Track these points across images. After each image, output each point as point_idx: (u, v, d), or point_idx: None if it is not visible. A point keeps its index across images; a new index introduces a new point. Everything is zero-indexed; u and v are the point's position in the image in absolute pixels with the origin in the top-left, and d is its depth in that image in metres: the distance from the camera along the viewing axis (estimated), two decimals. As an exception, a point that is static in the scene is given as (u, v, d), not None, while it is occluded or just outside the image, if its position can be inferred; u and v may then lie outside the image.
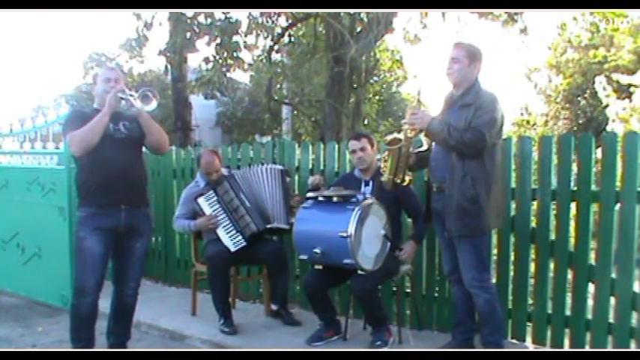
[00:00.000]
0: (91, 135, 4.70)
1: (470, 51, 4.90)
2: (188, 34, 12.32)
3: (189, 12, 11.81)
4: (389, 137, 5.12)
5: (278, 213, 6.25)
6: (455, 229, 4.82)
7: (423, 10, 12.60)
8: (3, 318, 6.86)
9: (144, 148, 5.14)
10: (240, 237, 6.06)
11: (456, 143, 4.68)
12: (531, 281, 5.60)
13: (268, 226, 6.21)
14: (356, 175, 5.87)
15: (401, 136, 5.00)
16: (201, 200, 6.10)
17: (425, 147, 5.26)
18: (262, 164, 6.59)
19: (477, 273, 4.87)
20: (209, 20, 12.04)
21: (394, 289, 6.16)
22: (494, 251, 5.69)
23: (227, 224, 6.08)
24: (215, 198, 6.09)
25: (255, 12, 12.06)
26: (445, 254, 5.25)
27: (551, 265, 5.43)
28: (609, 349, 5.11)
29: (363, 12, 12.08)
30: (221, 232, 6.06)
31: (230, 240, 6.03)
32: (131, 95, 4.79)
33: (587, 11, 13.03)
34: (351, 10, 11.67)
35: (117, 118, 4.87)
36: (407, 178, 5.11)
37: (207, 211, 6.08)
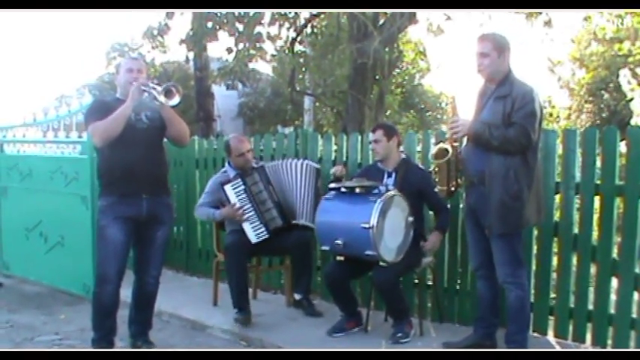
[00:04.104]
0: (113, 127, 4.72)
1: (497, 42, 4.78)
2: (210, 24, 12.33)
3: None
4: (434, 150, 5.07)
5: (306, 210, 6.26)
6: (496, 227, 4.74)
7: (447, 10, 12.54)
8: (26, 306, 6.91)
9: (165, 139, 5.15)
10: (263, 229, 6.07)
11: (500, 143, 4.61)
12: (554, 275, 5.58)
13: (294, 222, 6.23)
14: (379, 167, 5.84)
15: (446, 145, 4.94)
16: (227, 188, 6.09)
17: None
18: (297, 159, 6.63)
19: (511, 269, 4.82)
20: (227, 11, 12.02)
21: (416, 281, 6.15)
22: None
23: (251, 215, 6.07)
24: (242, 187, 6.09)
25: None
26: (473, 249, 5.18)
27: (574, 259, 5.40)
28: (632, 347, 5.08)
29: (386, 11, 12.04)
30: (245, 223, 6.06)
31: (253, 231, 6.04)
32: (154, 88, 4.78)
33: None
34: (373, 10, 11.63)
35: (139, 108, 4.87)
36: (460, 182, 5.07)
37: (233, 199, 6.06)
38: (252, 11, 11.95)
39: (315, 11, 12.79)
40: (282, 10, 12.40)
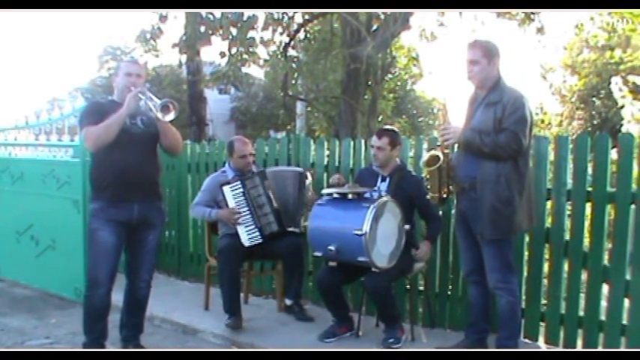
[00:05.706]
0: (107, 133, 4.71)
1: (486, 49, 4.82)
2: (203, 28, 12.31)
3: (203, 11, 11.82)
4: (426, 157, 5.06)
5: (292, 216, 6.26)
6: (488, 232, 4.76)
7: (441, 10, 12.58)
8: (17, 309, 6.89)
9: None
10: (257, 233, 6.05)
11: (491, 150, 4.64)
12: (545, 281, 5.59)
13: (289, 229, 6.22)
14: (374, 170, 5.85)
15: (437, 152, 4.95)
16: (226, 189, 6.08)
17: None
18: (289, 165, 6.63)
19: (502, 275, 4.85)
20: (221, 14, 11.99)
21: (407, 286, 6.16)
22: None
23: (247, 218, 6.06)
24: (241, 190, 6.08)
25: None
26: (465, 255, 5.21)
27: (565, 266, 5.41)
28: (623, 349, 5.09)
29: (380, 11, 12.06)
30: (239, 226, 6.05)
31: (247, 234, 6.03)
32: (151, 99, 4.77)
33: (604, 11, 12.95)
34: (368, 10, 11.64)
35: (135, 112, 4.86)
36: (451, 188, 5.07)
37: (230, 200, 6.06)
38: (245, 15, 11.94)
39: (308, 11, 12.76)
40: (276, 14, 12.39)
